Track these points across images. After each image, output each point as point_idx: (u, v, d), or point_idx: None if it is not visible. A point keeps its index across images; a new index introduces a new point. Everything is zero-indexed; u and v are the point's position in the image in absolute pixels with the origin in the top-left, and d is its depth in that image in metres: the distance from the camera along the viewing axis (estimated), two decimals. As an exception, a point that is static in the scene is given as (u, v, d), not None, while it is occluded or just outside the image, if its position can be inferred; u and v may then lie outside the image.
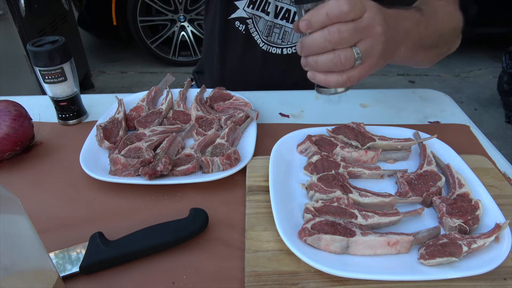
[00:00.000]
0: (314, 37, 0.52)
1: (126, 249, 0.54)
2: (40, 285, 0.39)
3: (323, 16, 0.50)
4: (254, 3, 0.98)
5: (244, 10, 0.99)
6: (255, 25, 1.00)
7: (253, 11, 0.99)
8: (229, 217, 0.62)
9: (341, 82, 0.55)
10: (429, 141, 0.73)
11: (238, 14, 1.00)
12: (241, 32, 1.02)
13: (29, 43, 0.78)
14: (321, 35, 0.51)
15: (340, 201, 0.59)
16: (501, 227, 0.54)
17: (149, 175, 0.66)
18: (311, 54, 0.54)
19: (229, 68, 1.10)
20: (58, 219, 0.62)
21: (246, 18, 1.00)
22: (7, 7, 2.08)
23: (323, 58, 0.53)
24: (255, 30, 1.01)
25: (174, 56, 3.38)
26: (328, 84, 0.56)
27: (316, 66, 0.54)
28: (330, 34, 0.51)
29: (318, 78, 0.56)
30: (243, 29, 1.01)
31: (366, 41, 0.53)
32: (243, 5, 0.98)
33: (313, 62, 0.54)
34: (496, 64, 3.34)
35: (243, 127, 0.80)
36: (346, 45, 0.52)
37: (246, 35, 1.02)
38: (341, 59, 0.52)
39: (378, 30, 0.54)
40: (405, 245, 0.53)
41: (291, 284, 0.51)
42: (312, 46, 0.53)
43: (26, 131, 0.75)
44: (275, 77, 1.04)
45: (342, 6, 0.50)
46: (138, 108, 0.85)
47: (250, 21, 1.00)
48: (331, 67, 0.54)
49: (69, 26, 2.79)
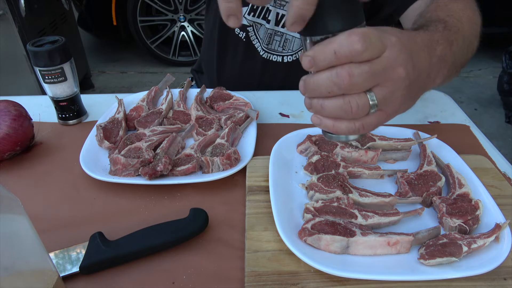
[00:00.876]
0: (319, 79, 0.41)
1: (126, 249, 0.54)
2: (40, 285, 0.39)
3: (330, 54, 0.39)
4: (255, 10, 0.97)
5: (244, 18, 0.98)
6: (255, 33, 1.00)
7: (253, 19, 0.98)
8: (229, 217, 0.62)
9: (353, 130, 0.44)
10: (429, 141, 0.73)
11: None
12: (242, 39, 1.01)
13: (29, 43, 0.78)
14: (328, 77, 0.41)
15: (340, 201, 0.59)
16: (501, 227, 0.54)
17: (149, 175, 0.66)
18: (316, 96, 0.44)
19: (228, 74, 1.09)
20: (58, 219, 0.62)
21: (246, 25, 0.99)
22: (7, 7, 2.07)
23: (331, 104, 0.42)
24: (256, 38, 1.00)
25: (174, 56, 3.38)
26: (338, 132, 0.45)
27: (322, 111, 0.44)
28: (339, 77, 0.40)
29: (325, 124, 0.45)
30: (244, 36, 1.01)
31: (385, 86, 0.42)
32: (244, 12, 0.97)
33: (319, 106, 0.44)
34: (496, 64, 3.34)
35: (243, 127, 0.80)
36: (359, 91, 0.41)
37: (246, 43, 1.01)
38: (352, 107, 0.41)
39: (400, 73, 0.42)
40: (405, 245, 0.53)
41: (291, 284, 0.51)
42: (317, 88, 0.42)
43: (26, 131, 0.75)
44: (274, 84, 1.04)
45: (354, 44, 0.38)
46: (138, 108, 0.85)
47: (250, 29, 1.00)
48: (341, 115, 0.43)
49: (69, 26, 2.79)
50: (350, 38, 0.38)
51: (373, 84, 0.42)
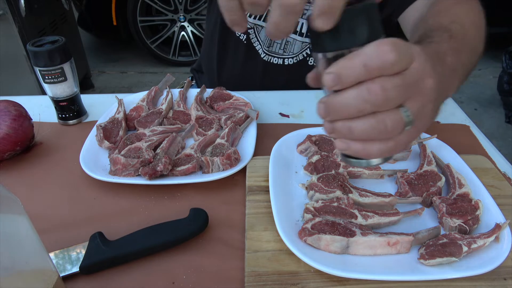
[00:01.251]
0: (346, 97, 0.36)
1: (126, 249, 0.54)
2: (40, 285, 0.39)
3: (359, 68, 0.35)
4: None
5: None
6: (257, 35, 0.99)
7: (255, 21, 0.98)
8: (229, 217, 0.62)
9: (385, 151, 0.39)
10: (429, 141, 0.73)
11: None
12: (242, 41, 1.01)
13: (29, 43, 0.78)
14: (358, 94, 0.36)
15: (340, 201, 0.59)
16: (501, 227, 0.54)
17: (149, 175, 0.66)
18: (343, 118, 0.38)
19: (229, 75, 1.09)
20: (58, 219, 0.62)
21: (248, 28, 0.99)
22: (7, 7, 2.07)
23: (362, 125, 0.37)
24: (257, 40, 1.00)
25: (174, 56, 3.38)
26: (369, 155, 0.40)
27: (351, 134, 0.38)
28: (371, 93, 0.35)
29: (354, 149, 0.39)
30: (244, 38, 1.00)
31: (416, 99, 0.38)
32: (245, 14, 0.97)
33: (346, 129, 0.38)
34: (496, 64, 3.34)
35: (243, 127, 0.80)
36: (392, 106, 0.37)
37: (247, 45, 1.01)
38: (387, 126, 0.37)
39: (430, 85, 0.39)
40: (405, 245, 0.53)
41: (291, 284, 0.51)
42: (345, 109, 0.37)
43: (26, 131, 0.75)
44: (275, 87, 1.03)
45: (386, 54, 0.34)
46: (138, 108, 0.85)
47: (251, 31, 0.99)
48: (374, 135, 0.38)
49: (69, 26, 2.79)
50: (380, 49, 0.34)
51: (405, 98, 0.37)
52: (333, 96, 0.37)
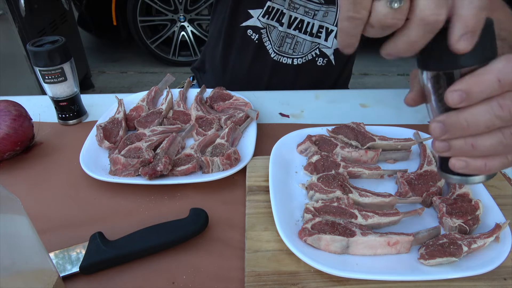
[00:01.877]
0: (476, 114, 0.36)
1: (126, 249, 0.54)
2: (40, 285, 0.39)
3: (492, 83, 0.34)
4: (269, 13, 0.97)
5: (258, 20, 0.98)
6: (268, 35, 1.00)
7: (268, 21, 0.98)
8: (229, 217, 0.62)
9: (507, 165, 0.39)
10: (429, 141, 0.73)
11: (252, 22, 0.99)
12: (254, 41, 1.01)
13: (29, 43, 0.78)
14: (490, 110, 0.35)
15: (340, 201, 0.59)
16: (501, 227, 0.54)
17: (149, 175, 0.66)
18: (467, 135, 0.37)
19: (236, 75, 1.09)
20: (58, 219, 0.62)
21: (260, 27, 0.99)
22: (7, 7, 2.07)
23: (488, 141, 0.37)
24: (268, 40, 1.00)
25: (174, 56, 3.38)
26: (490, 171, 0.39)
27: (472, 150, 0.38)
28: (505, 108, 0.35)
29: (475, 166, 0.39)
30: (256, 38, 1.01)
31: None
32: (258, 14, 0.97)
33: (468, 146, 0.38)
34: (496, 64, 3.33)
35: (243, 127, 0.80)
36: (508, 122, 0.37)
37: (258, 45, 1.01)
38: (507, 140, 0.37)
39: None
40: (405, 245, 0.53)
41: (291, 284, 0.51)
42: (473, 125, 0.36)
43: (26, 131, 0.75)
44: (282, 86, 1.03)
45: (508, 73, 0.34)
46: (138, 108, 0.85)
47: (264, 31, 1.00)
48: (500, 151, 0.38)
49: (69, 26, 2.79)
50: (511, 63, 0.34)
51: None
52: (455, 113, 0.36)
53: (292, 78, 1.04)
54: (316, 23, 0.97)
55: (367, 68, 3.41)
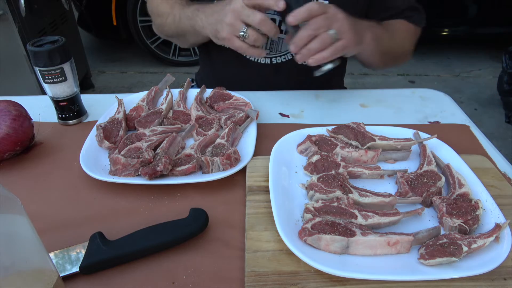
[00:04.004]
0: (301, 34, 0.72)
1: (126, 249, 0.54)
2: (40, 285, 0.39)
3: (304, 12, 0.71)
4: None
5: None
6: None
7: None
8: (229, 217, 0.62)
9: (332, 53, 0.73)
10: (429, 141, 0.73)
11: None
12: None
13: (29, 43, 0.78)
14: (306, 29, 0.72)
15: (340, 201, 0.59)
16: (501, 227, 0.54)
17: (149, 175, 0.66)
18: (303, 44, 0.73)
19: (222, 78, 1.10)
20: (58, 219, 0.62)
21: None
22: (7, 7, 2.07)
23: (314, 44, 0.72)
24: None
25: (174, 56, 3.38)
26: (324, 59, 0.74)
27: (309, 52, 0.73)
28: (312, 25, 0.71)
29: (317, 58, 0.73)
30: None
31: (336, 24, 0.73)
32: None
33: (306, 50, 0.73)
34: (496, 64, 3.34)
35: (243, 127, 0.80)
36: (325, 30, 0.72)
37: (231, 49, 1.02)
38: (325, 40, 0.72)
39: (342, 16, 0.74)
40: (405, 245, 0.53)
41: (291, 284, 0.51)
42: (302, 38, 0.72)
43: (26, 131, 0.75)
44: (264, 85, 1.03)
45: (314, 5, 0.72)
46: (138, 108, 0.85)
47: None
48: (321, 47, 0.72)
49: (69, 26, 2.79)
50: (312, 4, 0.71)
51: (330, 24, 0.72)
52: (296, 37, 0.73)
53: (273, 77, 1.04)
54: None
55: (367, 68, 3.40)
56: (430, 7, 3.63)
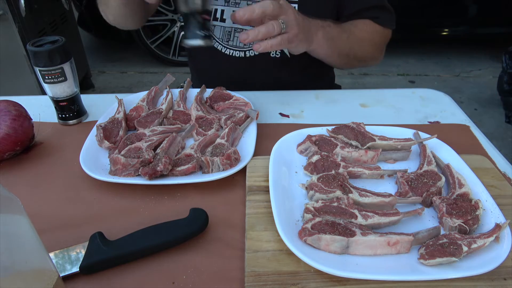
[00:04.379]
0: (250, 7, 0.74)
1: (126, 249, 0.54)
2: (40, 285, 0.39)
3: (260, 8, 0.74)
4: None
5: None
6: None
7: None
8: (229, 217, 0.62)
9: (278, 43, 0.75)
10: (429, 141, 0.73)
11: None
12: None
13: (29, 43, 0.78)
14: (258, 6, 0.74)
15: (340, 201, 0.59)
16: (501, 227, 0.54)
17: (149, 175, 0.66)
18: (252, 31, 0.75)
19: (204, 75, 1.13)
20: (58, 219, 0.62)
21: None
22: (7, 7, 2.07)
23: (264, 28, 0.74)
24: (213, 38, 1.03)
25: (174, 56, 3.38)
26: (271, 47, 0.76)
27: (257, 35, 0.74)
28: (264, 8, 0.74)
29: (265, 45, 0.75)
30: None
31: (285, 16, 0.76)
32: None
33: (255, 33, 0.74)
34: (496, 64, 3.34)
35: (243, 127, 0.80)
36: (275, 18, 0.75)
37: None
38: (274, 27, 0.74)
39: (291, 11, 0.77)
40: (405, 245, 0.53)
41: (291, 284, 0.51)
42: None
43: (26, 131, 0.75)
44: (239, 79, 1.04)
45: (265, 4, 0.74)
46: (138, 108, 0.85)
47: None
48: (269, 34, 0.74)
49: (69, 26, 2.79)
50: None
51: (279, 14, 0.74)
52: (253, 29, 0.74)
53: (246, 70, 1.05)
54: None
55: (367, 68, 3.41)
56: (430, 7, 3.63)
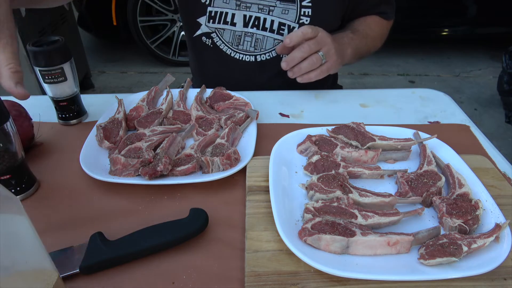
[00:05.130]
0: (295, 53, 0.84)
1: (126, 249, 0.54)
2: (40, 285, 0.39)
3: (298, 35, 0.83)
4: (213, 18, 1.00)
5: (206, 26, 1.01)
6: (220, 38, 1.02)
7: (214, 25, 1.01)
8: (229, 217, 0.62)
9: (318, 75, 0.86)
10: (429, 141, 0.73)
11: (203, 30, 1.03)
12: (209, 46, 1.04)
13: (29, 43, 0.78)
14: (299, 51, 0.83)
15: (340, 201, 0.59)
16: (501, 227, 0.54)
17: (149, 175, 0.66)
18: (295, 64, 0.84)
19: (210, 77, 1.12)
20: (58, 219, 0.62)
21: (210, 32, 1.02)
22: (7, 7, 2.07)
23: (304, 64, 0.84)
24: (222, 42, 1.03)
25: (174, 56, 3.38)
26: (310, 79, 0.86)
27: (300, 70, 0.84)
28: (305, 48, 0.83)
29: (306, 78, 0.86)
30: (210, 42, 1.04)
31: (325, 48, 0.86)
32: (204, 21, 1.01)
33: (298, 69, 0.84)
34: (496, 64, 3.34)
35: (243, 127, 0.80)
36: (314, 51, 0.84)
37: (214, 48, 1.04)
38: (314, 61, 0.84)
39: (329, 41, 0.86)
40: (405, 245, 0.53)
41: (291, 284, 0.51)
42: (294, 59, 0.84)
43: (26, 131, 0.74)
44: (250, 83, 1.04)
45: (307, 29, 0.83)
46: (138, 108, 0.85)
47: (214, 35, 1.02)
48: (310, 67, 0.84)
49: (69, 26, 2.79)
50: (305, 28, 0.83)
51: (319, 47, 0.85)
52: (289, 55, 0.84)
53: (259, 76, 1.05)
54: (275, 20, 0.98)
55: (367, 68, 3.41)
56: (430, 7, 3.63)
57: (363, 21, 1.07)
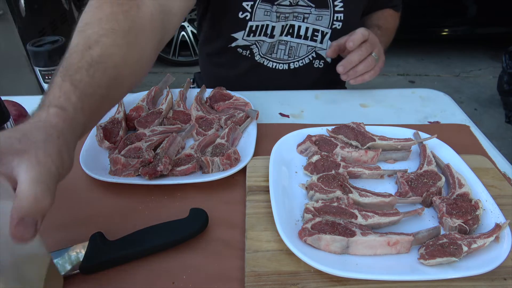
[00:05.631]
0: (352, 57, 0.85)
1: (126, 249, 0.54)
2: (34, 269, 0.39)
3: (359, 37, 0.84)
4: (254, 31, 0.98)
5: (244, 40, 1.00)
6: (259, 49, 1.02)
7: (254, 38, 0.99)
8: (229, 217, 0.62)
9: (372, 76, 0.89)
10: (429, 141, 0.73)
11: (239, 43, 1.01)
12: (246, 56, 1.03)
13: (29, 43, 0.78)
14: (357, 54, 0.85)
15: (340, 201, 0.59)
16: (501, 227, 0.54)
17: (149, 175, 0.66)
18: (351, 67, 0.86)
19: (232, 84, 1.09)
20: (58, 219, 0.62)
21: (249, 45, 1.01)
22: (7, 7, 2.07)
23: (360, 67, 0.86)
24: (259, 54, 1.02)
25: (174, 56, 3.38)
26: (365, 81, 0.89)
27: (355, 73, 0.86)
28: (363, 51, 0.85)
29: (359, 80, 0.88)
30: (248, 53, 1.03)
31: (376, 49, 0.88)
32: (242, 35, 0.99)
33: (353, 72, 0.86)
34: (496, 64, 3.34)
35: (243, 127, 0.80)
36: (369, 53, 0.86)
37: (251, 59, 1.03)
38: (370, 63, 0.86)
39: (378, 41, 0.90)
40: (405, 245, 0.53)
41: (291, 284, 0.51)
42: (352, 62, 0.85)
43: (26, 131, 0.74)
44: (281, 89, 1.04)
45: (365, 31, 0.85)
46: (138, 108, 0.85)
47: (254, 46, 1.01)
48: (365, 70, 0.86)
49: (69, 26, 2.78)
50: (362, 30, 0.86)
51: (372, 49, 0.87)
52: (345, 59, 0.86)
53: (289, 82, 1.04)
54: (310, 27, 0.98)
55: (367, 68, 3.40)
56: (430, 7, 3.63)
57: (381, 16, 1.10)
